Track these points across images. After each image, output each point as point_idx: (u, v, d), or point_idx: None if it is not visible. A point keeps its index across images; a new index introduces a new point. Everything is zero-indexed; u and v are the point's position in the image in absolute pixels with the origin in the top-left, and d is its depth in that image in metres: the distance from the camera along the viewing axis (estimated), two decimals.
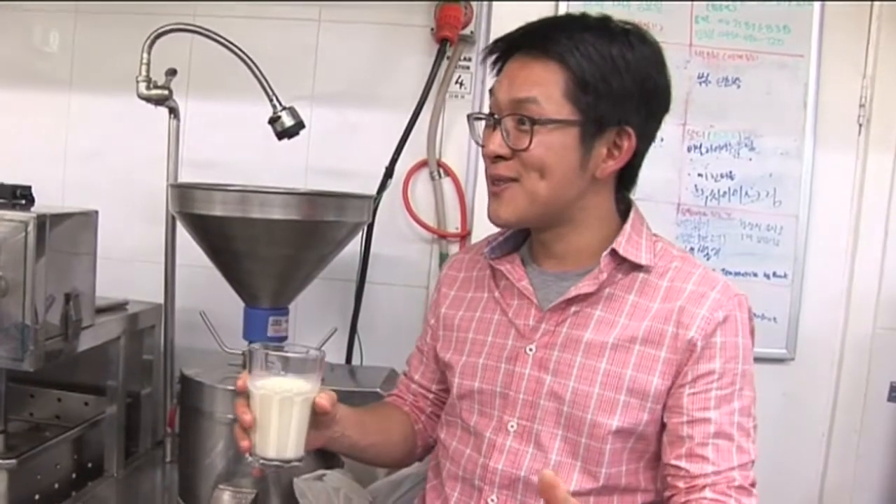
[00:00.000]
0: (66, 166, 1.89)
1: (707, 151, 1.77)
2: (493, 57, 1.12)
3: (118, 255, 1.84)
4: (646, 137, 1.10)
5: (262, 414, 0.98)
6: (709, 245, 1.79)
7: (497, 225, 1.13)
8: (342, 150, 1.85)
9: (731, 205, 1.77)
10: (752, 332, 1.10)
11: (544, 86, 1.03)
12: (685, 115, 1.76)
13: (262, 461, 0.99)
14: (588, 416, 1.05)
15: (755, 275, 1.78)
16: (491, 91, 1.11)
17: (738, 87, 1.75)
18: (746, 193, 1.77)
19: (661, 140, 1.76)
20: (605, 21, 1.07)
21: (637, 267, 1.10)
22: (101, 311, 1.50)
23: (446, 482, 1.16)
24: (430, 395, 1.31)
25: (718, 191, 1.77)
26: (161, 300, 1.69)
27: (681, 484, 1.02)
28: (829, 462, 1.80)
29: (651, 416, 1.05)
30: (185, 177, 1.81)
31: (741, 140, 1.76)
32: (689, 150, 1.77)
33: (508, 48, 1.10)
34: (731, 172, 1.77)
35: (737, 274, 1.77)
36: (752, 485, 1.03)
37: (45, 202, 1.43)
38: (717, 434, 1.02)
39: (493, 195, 1.10)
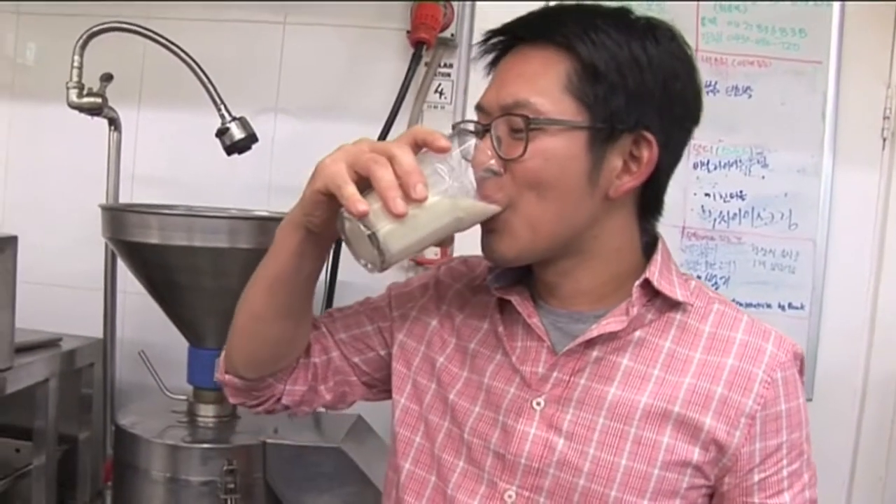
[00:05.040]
0: (6, 185, 1.72)
1: (715, 168, 1.62)
2: (490, 56, 0.91)
3: (66, 283, 1.68)
4: (671, 150, 0.88)
5: (425, 210, 0.78)
6: (717, 273, 1.62)
7: (493, 263, 0.93)
8: (310, 167, 1.67)
9: (741, 228, 1.62)
10: None
11: (539, 79, 0.84)
12: None
13: (371, 233, 0.76)
14: (612, 492, 0.86)
15: (768, 306, 1.62)
16: None
17: (750, 96, 1.60)
18: (759, 215, 1.61)
19: None
20: (623, 11, 0.87)
21: (671, 307, 0.91)
22: (28, 349, 1.33)
23: None
24: (333, 348, 1.03)
25: (728, 212, 1.62)
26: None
27: None
28: None
29: (688, 491, 0.87)
30: (139, 196, 1.65)
31: (752, 156, 1.61)
32: (694, 166, 1.62)
33: (505, 42, 0.90)
34: (741, 192, 1.62)
35: (748, 305, 1.61)
36: None
37: None
38: None
39: (486, 225, 0.88)
